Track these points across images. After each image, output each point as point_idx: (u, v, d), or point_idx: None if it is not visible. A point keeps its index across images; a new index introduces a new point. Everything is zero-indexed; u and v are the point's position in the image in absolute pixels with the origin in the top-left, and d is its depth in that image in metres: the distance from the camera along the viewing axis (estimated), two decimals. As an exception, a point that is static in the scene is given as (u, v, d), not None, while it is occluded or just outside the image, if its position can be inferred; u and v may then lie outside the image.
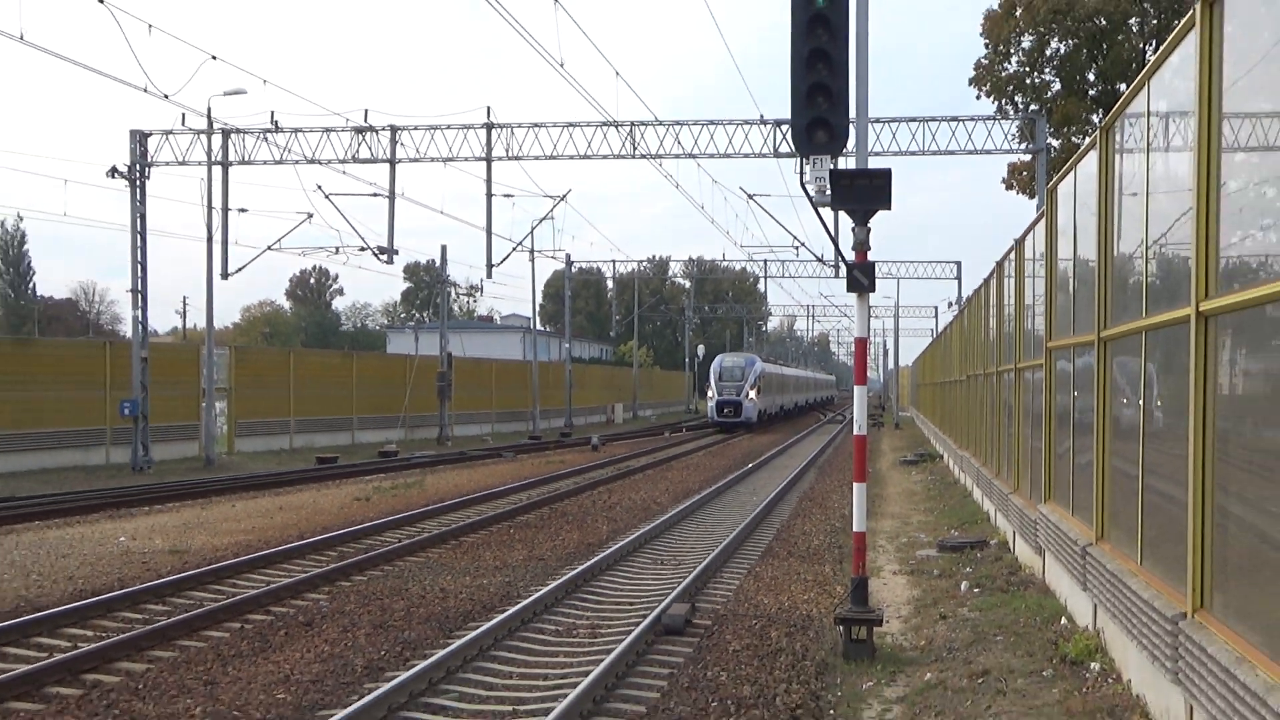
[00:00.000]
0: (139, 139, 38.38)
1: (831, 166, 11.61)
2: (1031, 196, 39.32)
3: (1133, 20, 41.09)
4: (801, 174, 12.14)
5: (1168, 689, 7.64)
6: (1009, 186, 45.46)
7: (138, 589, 14.33)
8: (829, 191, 11.50)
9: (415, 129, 38.20)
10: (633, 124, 37.58)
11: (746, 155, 37.38)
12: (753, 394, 64.90)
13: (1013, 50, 43.10)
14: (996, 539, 18.10)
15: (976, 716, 9.09)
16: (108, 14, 26.76)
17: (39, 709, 9.58)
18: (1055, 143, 38.40)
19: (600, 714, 9.49)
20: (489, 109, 38.00)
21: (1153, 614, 7.84)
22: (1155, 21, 39.99)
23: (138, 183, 38.17)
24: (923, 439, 49.79)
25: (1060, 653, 10.47)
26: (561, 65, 27.98)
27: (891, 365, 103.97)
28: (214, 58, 31.81)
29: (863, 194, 11.42)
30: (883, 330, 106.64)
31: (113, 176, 38.17)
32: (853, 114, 11.43)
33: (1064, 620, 11.74)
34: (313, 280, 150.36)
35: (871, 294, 12.11)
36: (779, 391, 78.00)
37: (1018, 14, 41.99)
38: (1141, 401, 8.95)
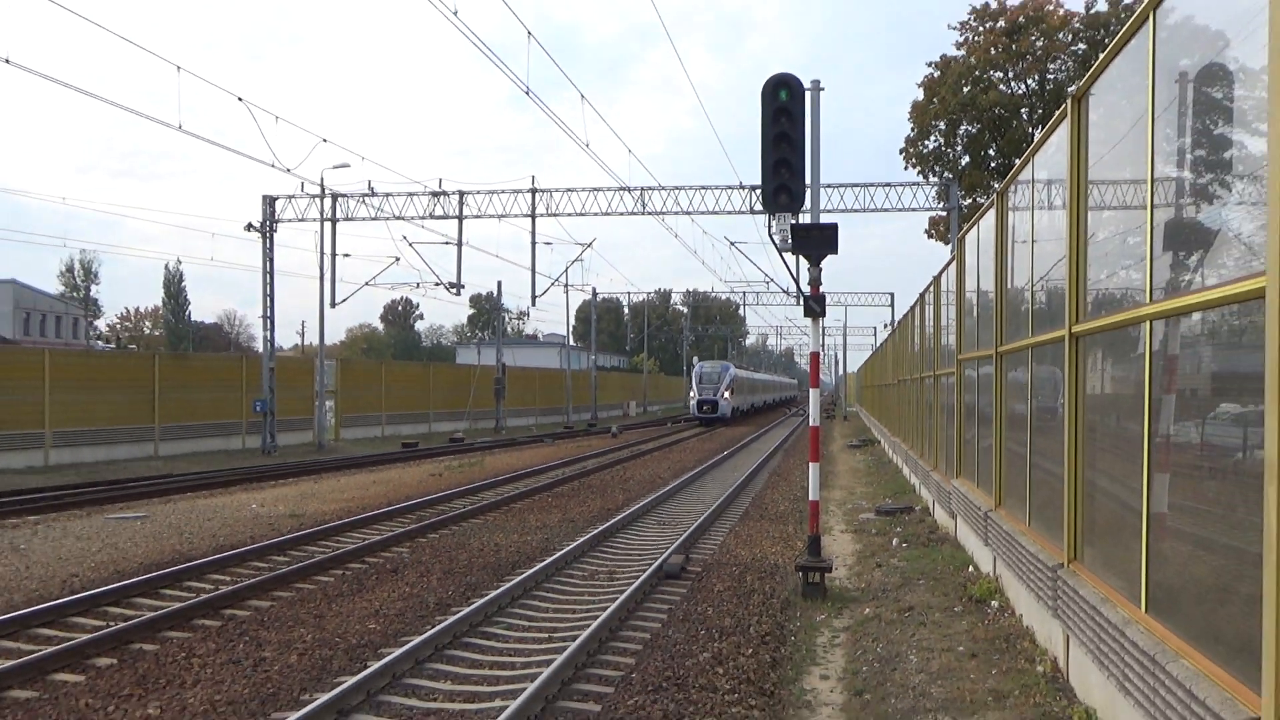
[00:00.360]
0: (269, 202, 38.55)
1: (792, 221, 11.58)
2: (946, 243, 39.29)
3: (1023, 110, 41.04)
4: (770, 227, 12.16)
5: (1049, 621, 7.61)
6: (930, 235, 45.43)
7: (265, 544, 14.32)
8: (790, 240, 11.48)
9: (478, 193, 38.30)
10: (642, 189, 37.61)
11: (729, 212, 37.42)
12: (727, 394, 62.05)
13: (932, 132, 43.04)
14: (920, 506, 18.04)
15: (904, 642, 9.06)
16: (245, 109, 26.91)
17: (188, 636, 9.59)
18: (965, 202, 38.26)
19: (616, 639, 9.46)
20: (533, 177, 38.15)
21: (1038, 564, 7.81)
22: (1040, 111, 39.92)
23: (268, 235, 38.33)
24: (865, 429, 49.68)
25: (968, 593, 10.44)
26: (587, 145, 28.16)
27: (842, 371, 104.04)
28: (325, 140, 32.00)
29: (816, 242, 11.41)
30: (834, 345, 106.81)
31: (249, 230, 38.42)
32: (808, 181, 11.42)
33: (971, 568, 11.70)
34: (400, 308, 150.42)
35: (823, 318, 12.10)
36: (750, 392, 75.26)
37: (936, 104, 41.97)
38: (1029, 400, 8.93)
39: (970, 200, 39.49)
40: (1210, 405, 5.11)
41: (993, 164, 41.15)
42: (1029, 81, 41.29)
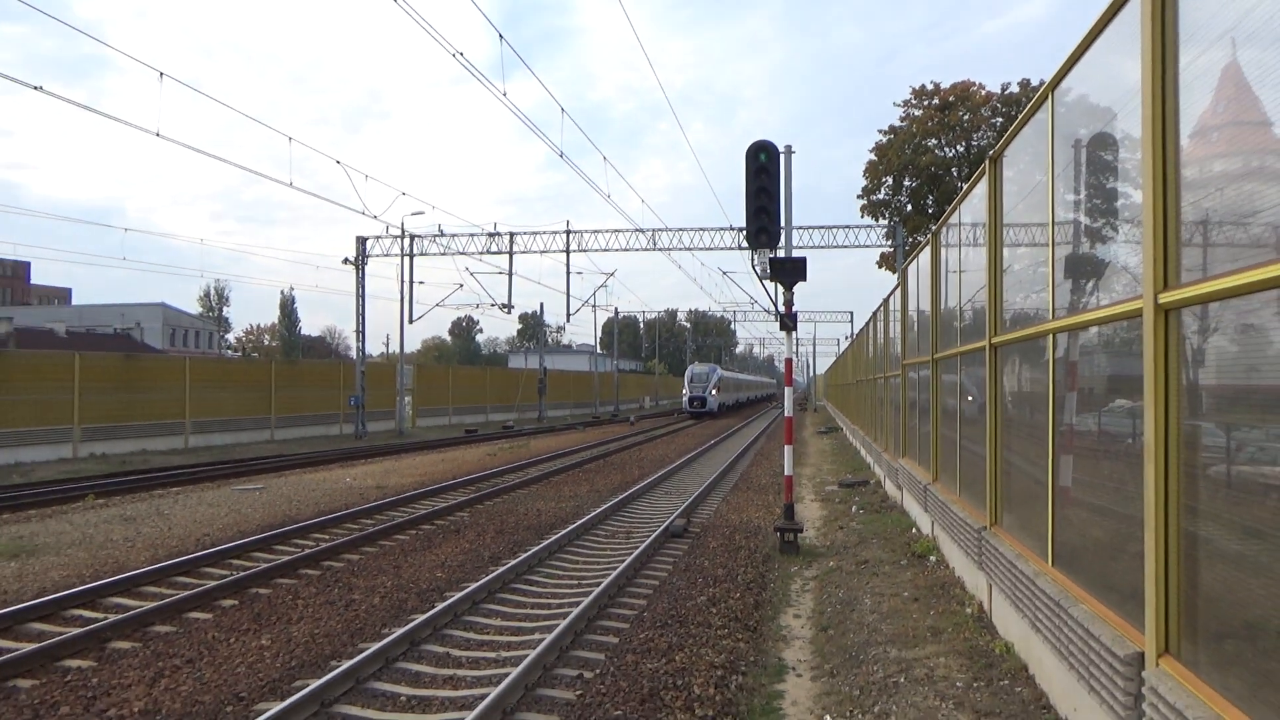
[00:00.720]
0: (361, 242, 38.60)
1: (770, 256, 11.52)
2: (894, 273, 39.04)
3: (954, 169, 40.80)
4: (753, 260, 12.05)
5: (976, 573, 7.53)
6: (880, 267, 44.96)
7: (355, 510, 14.28)
8: (769, 270, 11.43)
9: (524, 234, 38.30)
10: (653, 230, 37.52)
11: (722, 248, 37.26)
12: (714, 391, 57.76)
13: (882, 185, 42.79)
14: (874, 480, 17.91)
15: (860, 587, 8.97)
16: (342, 170, 27.03)
17: (294, 582, 9.58)
18: (908, 241, 38.04)
19: (631, 585, 9.41)
20: (568, 221, 38.24)
21: (966, 527, 7.72)
22: (966, 170, 39.63)
23: (360, 267, 38.39)
24: (831, 419, 49.41)
25: (911, 550, 10.34)
26: (609, 196, 28.09)
27: (813, 373, 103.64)
28: (404, 193, 32.22)
29: (789, 272, 11.36)
30: (807, 352, 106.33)
31: (346, 264, 38.49)
32: (782, 224, 11.37)
33: (914, 530, 11.59)
34: (463, 324, 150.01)
35: (796, 331, 12.03)
36: (735, 390, 71.69)
37: (885, 164, 41.80)
38: (958, 396, 8.84)
39: (912, 239, 39.25)
40: (1106, 400, 5.04)
41: (930, 210, 40.85)
42: (958, 147, 41.08)
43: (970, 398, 8.47)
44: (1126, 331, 4.48)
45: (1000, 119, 39.57)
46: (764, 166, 11.03)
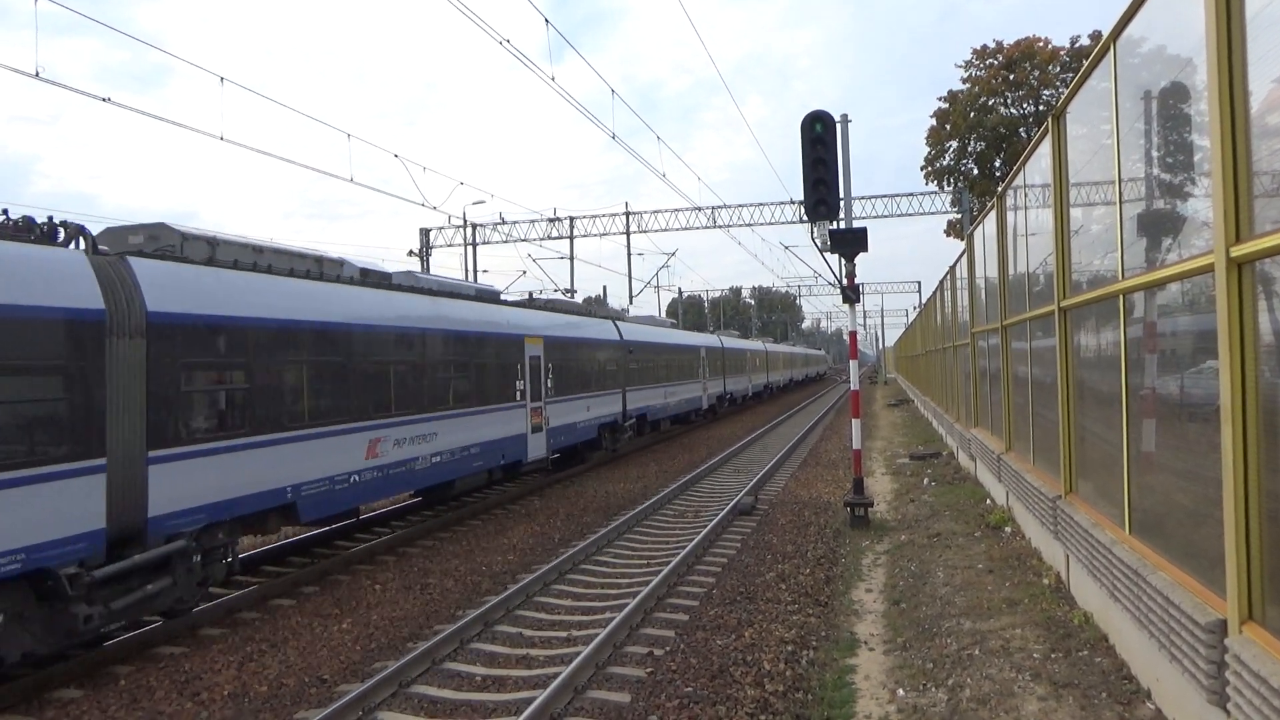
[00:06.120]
0: (424, 233, 39.24)
1: (830, 227, 11.34)
2: (961, 240, 38.11)
3: (1022, 129, 39.54)
4: (813, 233, 11.88)
5: (1052, 543, 7.36)
6: (948, 235, 43.88)
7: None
8: (829, 242, 11.28)
9: (584, 217, 38.42)
10: (713, 207, 37.25)
11: (782, 222, 36.82)
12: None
13: (946, 150, 41.71)
14: (946, 451, 17.58)
15: (933, 561, 8.85)
16: (400, 164, 27.41)
17: (372, 569, 9.79)
18: (975, 206, 37.09)
19: (700, 564, 9.43)
20: (626, 203, 38.24)
21: (1041, 496, 7.55)
22: (1036, 129, 38.44)
23: (425, 258, 39.06)
24: (902, 391, 48.62)
25: (986, 522, 10.14)
26: (664, 176, 27.90)
27: (882, 345, 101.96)
28: (462, 183, 32.50)
29: (849, 243, 11.19)
30: (875, 325, 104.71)
31: (410, 255, 39.19)
32: (841, 195, 11.17)
33: (988, 501, 11.36)
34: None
35: (859, 303, 11.88)
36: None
37: (948, 129, 40.75)
38: (1029, 362, 8.62)
39: (980, 202, 38.28)
40: (1192, 362, 4.84)
41: (997, 174, 39.70)
42: (1025, 106, 39.78)
43: (1036, 363, 8.24)
44: (1210, 289, 4.30)
45: (1071, 74, 38.20)
46: (820, 137, 10.84)
